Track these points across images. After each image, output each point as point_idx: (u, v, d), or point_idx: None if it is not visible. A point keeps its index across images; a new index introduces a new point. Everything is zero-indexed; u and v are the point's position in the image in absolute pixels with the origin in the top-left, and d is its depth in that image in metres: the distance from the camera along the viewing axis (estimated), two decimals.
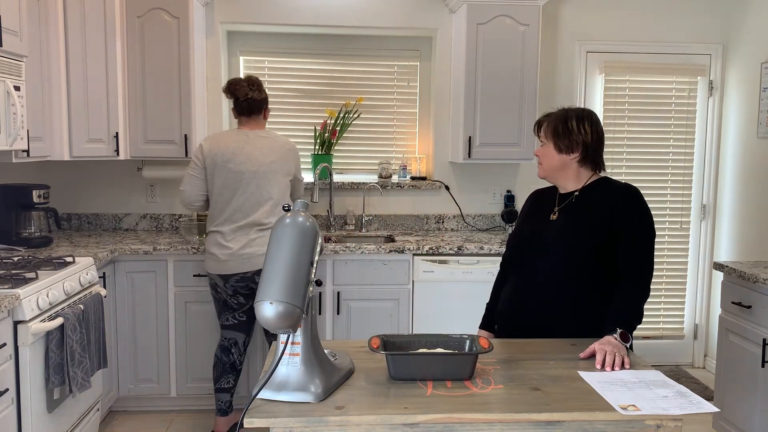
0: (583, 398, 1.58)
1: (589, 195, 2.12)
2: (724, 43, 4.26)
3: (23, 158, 3.01)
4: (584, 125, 2.11)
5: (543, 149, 2.16)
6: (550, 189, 2.26)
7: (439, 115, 4.22)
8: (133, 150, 3.69)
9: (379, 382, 1.67)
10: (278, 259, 1.55)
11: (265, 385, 1.56)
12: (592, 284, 2.05)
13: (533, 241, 2.15)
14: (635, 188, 2.10)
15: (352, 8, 4.06)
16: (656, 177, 4.34)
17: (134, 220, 4.12)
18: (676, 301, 4.44)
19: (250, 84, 3.14)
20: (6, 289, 2.40)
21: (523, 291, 2.14)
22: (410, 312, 3.62)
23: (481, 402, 1.55)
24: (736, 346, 3.08)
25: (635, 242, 2.02)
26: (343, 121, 4.17)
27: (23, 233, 3.39)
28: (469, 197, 4.29)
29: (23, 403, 2.41)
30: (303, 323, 1.57)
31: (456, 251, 3.59)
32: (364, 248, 3.52)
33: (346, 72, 4.26)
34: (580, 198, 2.13)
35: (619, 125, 4.28)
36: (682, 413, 1.50)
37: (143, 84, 3.65)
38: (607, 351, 1.82)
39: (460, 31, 3.89)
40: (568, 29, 4.21)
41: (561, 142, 2.11)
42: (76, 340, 2.63)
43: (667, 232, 4.37)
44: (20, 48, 2.79)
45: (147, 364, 3.55)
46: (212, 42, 4.01)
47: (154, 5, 3.59)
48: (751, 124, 4.02)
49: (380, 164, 4.20)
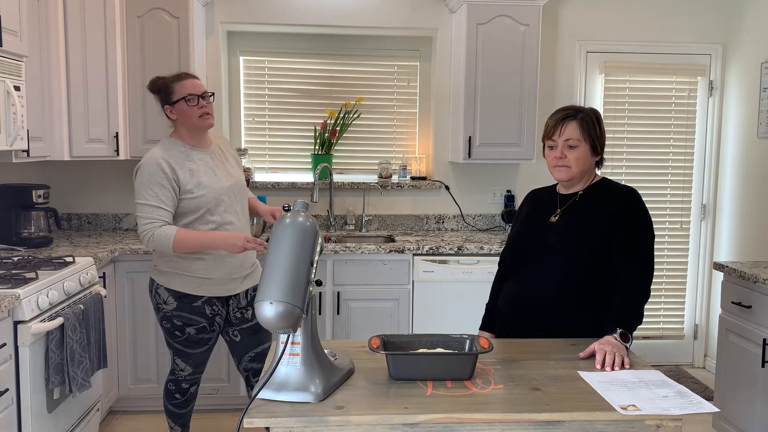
0: (583, 398, 1.58)
1: (591, 197, 2.12)
2: (724, 43, 4.26)
3: (23, 158, 3.01)
4: (603, 126, 2.13)
5: (575, 152, 2.06)
6: (548, 189, 2.26)
7: (439, 115, 4.22)
8: (133, 150, 3.69)
9: (379, 382, 1.67)
10: (278, 259, 1.55)
11: (265, 385, 1.56)
12: (592, 285, 2.05)
13: (534, 242, 2.14)
14: (635, 191, 2.10)
15: (352, 8, 4.06)
16: (656, 177, 4.34)
17: (134, 220, 4.12)
18: (676, 301, 4.44)
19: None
20: (6, 289, 2.40)
21: (524, 292, 2.13)
22: (410, 312, 3.62)
23: (481, 402, 1.55)
24: (736, 346, 3.08)
25: (636, 244, 2.02)
26: (343, 121, 4.17)
27: (23, 233, 3.39)
28: (469, 197, 4.29)
29: (23, 403, 2.41)
30: (303, 323, 1.57)
31: (456, 251, 3.59)
32: (364, 248, 3.52)
33: (346, 72, 4.26)
34: (582, 199, 2.12)
35: (619, 125, 4.28)
36: (682, 413, 1.50)
37: (143, 84, 3.64)
38: (607, 351, 1.82)
39: (460, 31, 3.89)
40: (568, 29, 4.21)
41: (598, 143, 2.09)
42: (76, 340, 2.63)
43: (667, 232, 4.37)
44: (20, 48, 2.79)
45: (147, 364, 3.54)
46: (212, 42, 4.01)
47: (154, 5, 3.59)
48: (751, 124, 4.02)
49: (380, 164, 4.20)
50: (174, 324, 2.68)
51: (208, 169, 2.64)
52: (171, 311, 2.66)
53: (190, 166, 2.58)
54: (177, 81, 2.62)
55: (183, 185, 2.55)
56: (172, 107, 2.61)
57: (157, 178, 2.51)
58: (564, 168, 2.08)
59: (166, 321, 2.68)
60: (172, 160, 2.56)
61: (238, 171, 2.81)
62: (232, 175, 2.73)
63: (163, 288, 2.65)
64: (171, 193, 2.53)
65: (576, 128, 2.06)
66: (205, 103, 2.62)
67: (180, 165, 2.56)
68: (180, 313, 2.65)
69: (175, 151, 2.60)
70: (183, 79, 2.63)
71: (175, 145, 2.63)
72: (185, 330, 2.68)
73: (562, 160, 2.07)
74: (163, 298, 2.66)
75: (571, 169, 2.07)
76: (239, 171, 2.82)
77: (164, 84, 2.63)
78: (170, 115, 2.65)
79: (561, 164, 2.08)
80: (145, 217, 2.50)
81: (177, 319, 2.66)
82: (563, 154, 2.07)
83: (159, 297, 2.67)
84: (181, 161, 2.58)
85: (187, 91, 2.59)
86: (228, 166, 2.74)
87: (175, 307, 2.65)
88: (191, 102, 2.58)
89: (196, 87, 2.63)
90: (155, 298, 2.69)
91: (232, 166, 2.77)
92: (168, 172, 2.52)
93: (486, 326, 2.29)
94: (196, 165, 2.60)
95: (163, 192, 2.51)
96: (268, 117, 4.24)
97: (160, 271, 2.67)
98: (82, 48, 3.44)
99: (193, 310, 2.66)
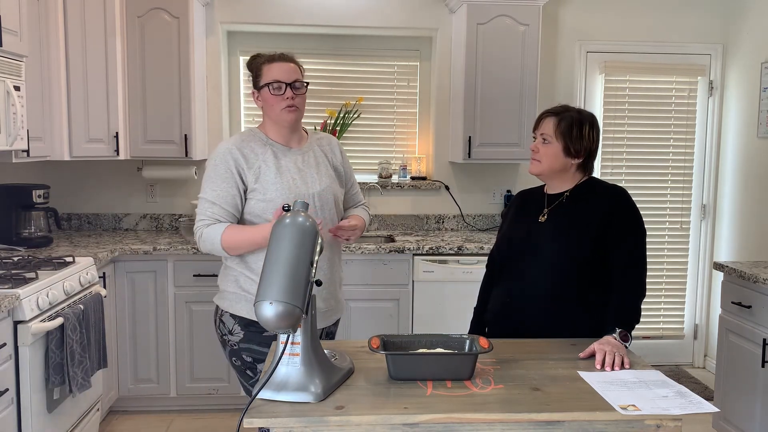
0: (583, 398, 1.58)
1: (578, 196, 2.11)
2: (724, 43, 4.26)
3: (23, 158, 3.01)
4: (593, 132, 2.10)
5: (547, 148, 2.08)
6: (537, 189, 2.25)
7: (439, 115, 4.22)
8: (133, 150, 3.69)
9: (379, 382, 1.67)
10: (278, 259, 1.55)
11: (265, 385, 1.56)
12: (583, 285, 2.05)
13: (523, 243, 2.13)
14: (623, 189, 2.11)
15: (352, 8, 4.06)
16: (656, 177, 4.34)
17: (134, 220, 4.12)
18: (676, 301, 4.44)
19: None
20: (6, 289, 2.40)
21: (514, 294, 2.12)
22: (410, 312, 3.62)
23: (481, 402, 1.55)
24: (736, 346, 3.08)
25: (627, 242, 2.03)
26: (343, 121, 4.16)
27: (23, 233, 3.39)
28: (468, 197, 4.29)
29: (23, 403, 2.41)
30: (303, 323, 1.57)
31: (456, 251, 3.59)
32: (364, 248, 3.52)
33: (346, 72, 4.26)
34: (569, 199, 2.12)
35: (619, 125, 4.28)
36: (682, 413, 1.50)
37: (143, 84, 3.65)
38: (607, 351, 1.82)
39: (460, 31, 3.89)
40: (568, 29, 4.21)
41: (572, 146, 2.07)
42: (76, 340, 2.63)
43: (667, 232, 4.37)
44: (20, 48, 2.79)
45: (147, 364, 3.54)
46: (212, 42, 4.01)
47: (154, 5, 3.59)
48: (751, 124, 4.02)
49: (380, 164, 4.20)
50: (244, 361, 2.18)
51: (294, 171, 2.18)
52: (238, 343, 2.17)
53: (266, 163, 2.15)
54: (267, 62, 2.19)
55: (250, 183, 2.13)
56: (259, 93, 2.20)
57: (221, 169, 2.12)
58: (535, 161, 2.12)
59: (235, 357, 2.19)
60: (247, 151, 2.15)
61: (332, 178, 2.28)
62: (322, 181, 2.23)
63: (228, 315, 2.18)
64: (234, 189, 2.12)
65: (551, 124, 2.08)
66: (292, 93, 2.15)
67: (253, 159, 2.15)
68: (248, 346, 2.16)
69: (253, 143, 2.18)
70: (273, 61, 2.18)
71: (256, 137, 2.21)
72: (257, 368, 2.18)
73: (536, 153, 2.11)
74: (229, 327, 2.18)
75: (540, 164, 2.10)
76: (334, 177, 2.30)
77: (256, 64, 2.22)
78: (256, 102, 2.23)
79: (533, 157, 2.13)
80: (199, 214, 2.13)
81: (246, 353, 2.17)
82: (537, 148, 2.11)
83: (224, 326, 2.20)
84: (257, 156, 2.16)
85: (275, 77, 2.15)
86: (321, 170, 2.25)
87: (242, 338, 2.16)
88: (276, 90, 2.14)
89: (285, 72, 2.16)
90: (220, 329, 2.22)
91: (325, 171, 2.27)
92: (236, 163, 2.13)
93: (474, 331, 2.27)
94: (274, 163, 2.16)
95: (223, 186, 2.11)
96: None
97: (223, 295, 2.21)
98: (82, 48, 3.44)
99: (264, 341, 2.13)
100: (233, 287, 2.18)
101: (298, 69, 2.22)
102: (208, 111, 4.03)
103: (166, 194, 4.13)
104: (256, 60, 2.23)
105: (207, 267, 3.48)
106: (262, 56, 2.23)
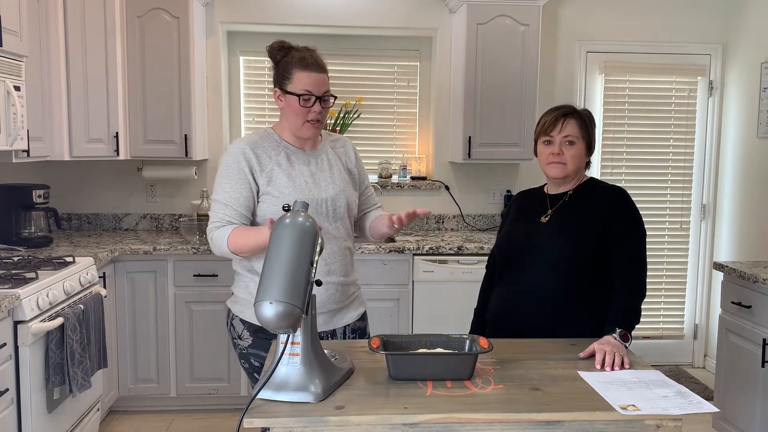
0: (583, 398, 1.58)
1: (580, 196, 2.12)
2: (724, 43, 4.26)
3: (23, 158, 3.01)
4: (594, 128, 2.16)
5: (573, 149, 2.07)
6: (537, 189, 2.26)
7: (439, 115, 4.22)
8: (133, 150, 3.69)
9: (379, 382, 1.67)
10: (278, 259, 1.55)
11: (264, 385, 1.56)
12: (584, 285, 2.05)
13: (525, 243, 2.13)
14: (623, 189, 2.11)
15: (352, 8, 4.06)
16: (656, 177, 4.34)
17: (134, 220, 4.12)
18: (676, 301, 4.44)
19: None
20: (6, 289, 2.40)
21: (515, 294, 2.12)
22: (410, 312, 3.62)
23: (481, 402, 1.55)
24: (736, 346, 3.08)
25: (627, 242, 2.03)
26: (343, 121, 4.16)
27: (23, 233, 3.39)
28: (468, 197, 4.29)
29: (23, 403, 2.41)
30: (303, 323, 1.57)
31: (456, 251, 3.59)
32: (364, 248, 3.52)
33: (346, 72, 4.26)
34: (571, 199, 2.12)
35: (619, 125, 4.28)
36: (682, 413, 1.50)
37: (143, 84, 3.65)
38: (607, 351, 1.82)
39: (460, 32, 3.89)
40: (568, 29, 4.21)
41: (592, 143, 2.12)
42: (76, 340, 2.63)
43: (667, 232, 4.37)
44: (20, 48, 2.79)
45: (147, 364, 3.54)
46: (212, 42, 4.01)
47: (154, 5, 3.59)
48: (751, 124, 4.02)
49: (380, 164, 4.20)
50: (252, 365, 2.16)
51: (307, 174, 2.12)
52: (246, 348, 2.14)
53: (279, 166, 2.09)
54: (301, 68, 2.05)
55: (262, 186, 2.07)
56: (284, 95, 2.08)
57: (233, 170, 2.06)
58: (560, 165, 2.08)
59: (244, 360, 2.18)
60: (260, 152, 2.09)
61: (346, 181, 2.21)
62: (336, 185, 2.16)
63: (238, 319, 2.16)
64: (247, 190, 2.06)
65: (576, 125, 2.07)
66: (320, 107, 2.06)
67: (266, 161, 2.09)
68: (257, 352, 2.12)
69: (266, 144, 2.12)
70: (308, 69, 2.05)
71: (270, 138, 2.14)
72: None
73: (559, 156, 2.07)
74: (238, 332, 2.16)
75: (566, 167, 2.08)
76: (348, 181, 2.22)
77: (286, 63, 2.07)
78: (277, 102, 2.12)
79: (557, 161, 2.08)
80: (212, 217, 2.08)
81: (254, 358, 2.14)
82: (560, 151, 2.07)
83: (234, 330, 2.18)
84: (270, 158, 2.10)
85: (306, 87, 2.03)
86: (335, 173, 2.18)
87: (250, 343, 2.13)
88: (306, 102, 2.04)
89: (317, 84, 2.05)
90: (231, 332, 2.20)
91: (339, 174, 2.19)
92: (249, 164, 2.06)
93: (475, 331, 2.27)
94: (287, 167, 2.10)
95: (236, 188, 2.05)
96: (268, 117, 4.24)
97: (235, 299, 2.19)
98: (82, 48, 3.44)
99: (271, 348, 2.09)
100: (243, 293, 2.15)
101: (327, 79, 2.10)
102: (208, 111, 4.03)
103: (166, 194, 4.13)
104: (286, 56, 2.08)
105: (207, 267, 3.48)
106: (293, 53, 2.07)
